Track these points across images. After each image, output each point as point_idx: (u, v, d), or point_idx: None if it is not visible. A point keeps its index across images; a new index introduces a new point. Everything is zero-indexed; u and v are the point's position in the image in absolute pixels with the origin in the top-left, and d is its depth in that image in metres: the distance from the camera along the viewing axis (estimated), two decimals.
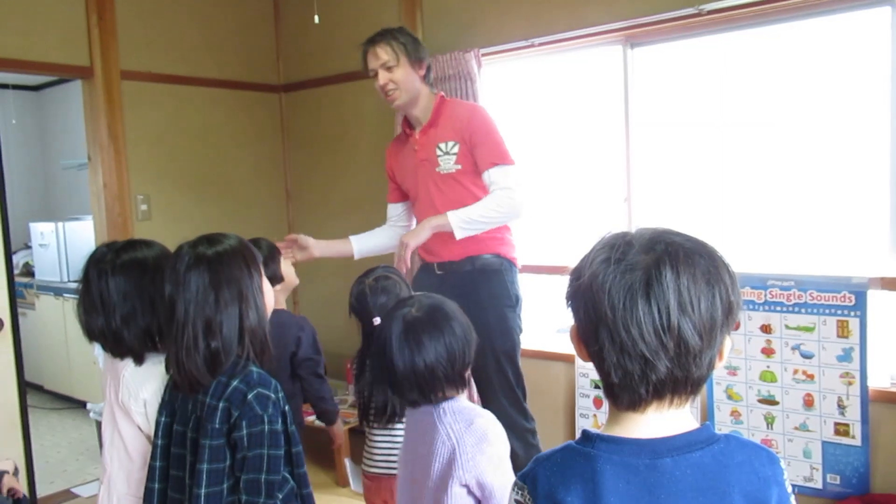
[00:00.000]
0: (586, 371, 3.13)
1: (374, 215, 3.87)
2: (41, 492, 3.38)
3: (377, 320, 2.00)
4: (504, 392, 2.63)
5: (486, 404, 2.58)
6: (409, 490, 1.58)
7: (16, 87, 6.14)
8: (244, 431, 1.50)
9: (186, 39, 3.90)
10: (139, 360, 1.76)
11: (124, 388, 1.76)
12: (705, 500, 0.87)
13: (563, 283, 0.99)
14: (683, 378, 0.88)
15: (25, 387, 3.35)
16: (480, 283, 2.62)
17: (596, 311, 0.88)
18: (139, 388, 1.75)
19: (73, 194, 6.15)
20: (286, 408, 1.58)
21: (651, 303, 0.85)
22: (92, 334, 1.77)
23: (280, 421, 1.54)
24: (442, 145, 2.62)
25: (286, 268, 2.57)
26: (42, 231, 5.51)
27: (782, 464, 0.95)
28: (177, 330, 1.54)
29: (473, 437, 1.45)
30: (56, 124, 6.31)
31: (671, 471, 0.88)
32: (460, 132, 2.59)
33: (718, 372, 2.80)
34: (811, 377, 2.59)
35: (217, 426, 1.51)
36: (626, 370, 0.87)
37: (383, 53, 2.61)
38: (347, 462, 3.45)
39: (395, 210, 2.98)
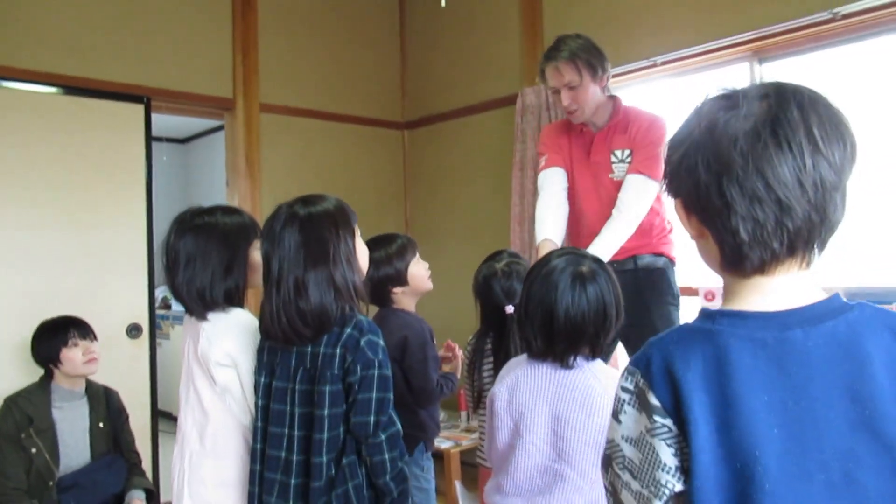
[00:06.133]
0: None
1: (491, 243, 3.89)
2: None
3: (510, 308, 1.98)
4: None
5: None
6: (549, 441, 1.53)
7: (169, 140, 6.75)
8: (357, 375, 1.54)
9: (321, 77, 4.17)
10: (201, 317, 1.78)
11: (204, 339, 1.77)
12: (842, 370, 0.79)
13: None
14: (819, 222, 0.81)
15: (157, 395, 3.53)
16: (644, 282, 2.57)
17: (719, 160, 0.81)
18: (220, 338, 1.77)
19: None
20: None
21: (781, 141, 0.79)
22: (172, 291, 1.82)
23: (388, 366, 1.58)
24: (618, 152, 2.57)
25: (416, 269, 2.34)
26: None
27: None
28: (272, 286, 1.60)
29: None
30: (200, 175, 6.85)
31: (802, 342, 0.80)
32: (633, 139, 2.53)
33: None
34: None
35: (336, 372, 1.55)
36: (757, 221, 0.80)
37: (567, 73, 2.48)
38: (457, 485, 3.36)
39: (562, 177, 2.66)
